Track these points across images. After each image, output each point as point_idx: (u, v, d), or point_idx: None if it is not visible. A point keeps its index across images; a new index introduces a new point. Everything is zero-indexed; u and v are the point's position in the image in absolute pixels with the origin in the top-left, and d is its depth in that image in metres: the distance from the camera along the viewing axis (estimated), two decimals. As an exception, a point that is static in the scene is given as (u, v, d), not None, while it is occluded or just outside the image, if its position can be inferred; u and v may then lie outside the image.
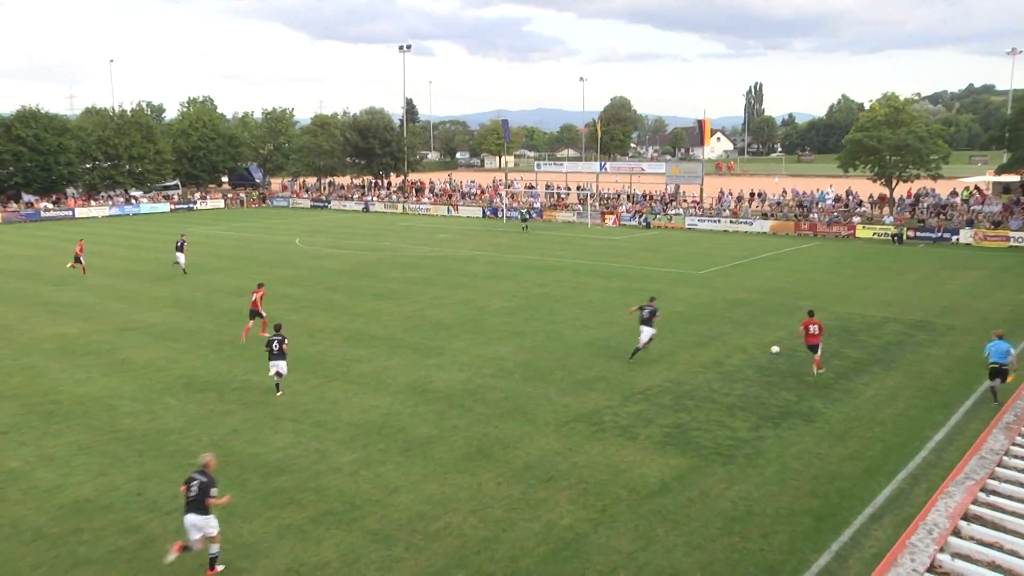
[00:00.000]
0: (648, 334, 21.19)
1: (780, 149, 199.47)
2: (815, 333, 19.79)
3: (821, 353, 20.19)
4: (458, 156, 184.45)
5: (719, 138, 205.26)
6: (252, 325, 24.26)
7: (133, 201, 74.90)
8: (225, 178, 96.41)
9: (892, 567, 6.01)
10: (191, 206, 77.86)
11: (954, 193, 55.58)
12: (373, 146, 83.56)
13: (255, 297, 24.29)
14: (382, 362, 21.58)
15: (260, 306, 24.22)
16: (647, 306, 21.43)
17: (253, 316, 24.25)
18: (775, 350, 22.01)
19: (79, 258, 36.35)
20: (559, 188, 71.75)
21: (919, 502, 12.68)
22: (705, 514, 12.72)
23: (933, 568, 6.07)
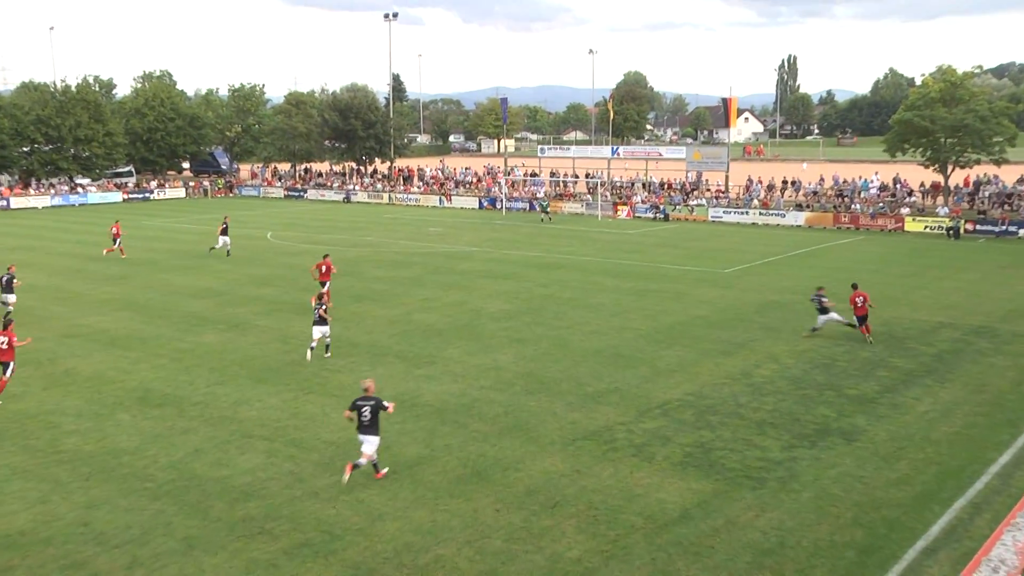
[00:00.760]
0: (823, 320, 24.60)
1: (817, 131, 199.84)
2: (861, 305, 23.71)
3: (869, 323, 23.89)
4: (451, 140, 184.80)
5: (747, 119, 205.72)
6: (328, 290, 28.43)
7: (80, 190, 75.01)
8: (186, 164, 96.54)
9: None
10: (147, 195, 77.97)
11: (1021, 180, 55.52)
12: (355, 128, 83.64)
13: (323, 268, 28.96)
14: (364, 372, 21.52)
15: (329, 275, 28.96)
16: (816, 295, 24.82)
17: (323, 286, 28.44)
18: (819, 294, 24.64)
19: (116, 240, 40.14)
20: (565, 176, 71.85)
21: (981, 535, 12.63)
22: (732, 546, 12.70)
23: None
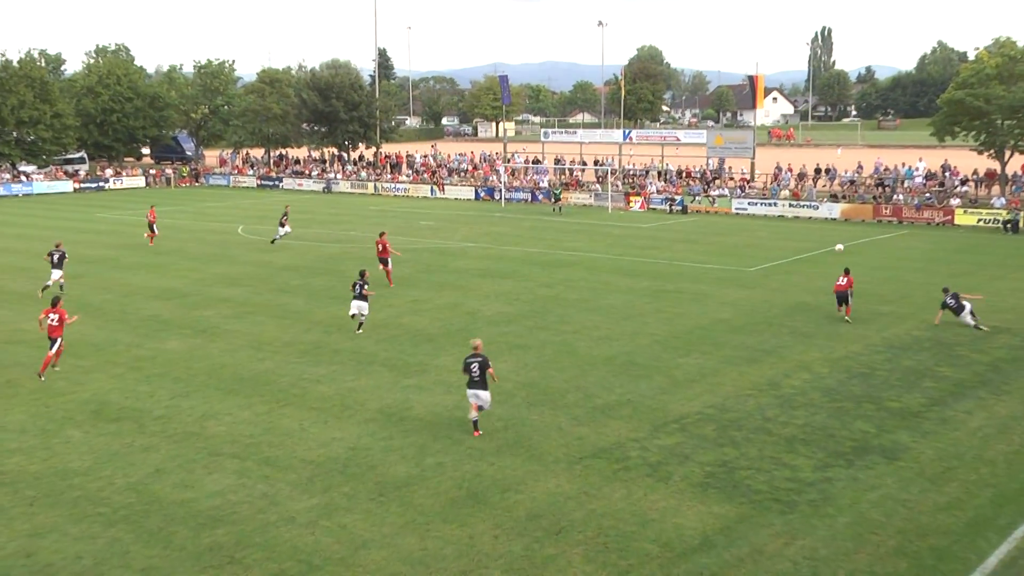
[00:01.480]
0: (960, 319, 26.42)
1: (855, 113, 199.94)
2: (842, 284, 26.79)
3: (851, 304, 26.98)
4: (444, 122, 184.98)
5: (776, 99, 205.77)
6: (391, 270, 32.46)
7: (24, 178, 75.05)
8: (146, 150, 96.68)
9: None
10: (102, 185, 78.04)
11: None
12: (337, 109, 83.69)
13: (380, 246, 32.21)
14: (347, 383, 21.59)
15: (387, 253, 32.20)
16: (951, 297, 26.61)
17: (384, 263, 32.22)
18: (839, 248, 24.12)
19: (152, 226, 43.22)
20: (572, 163, 71.90)
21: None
22: (759, 576, 12.70)
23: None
